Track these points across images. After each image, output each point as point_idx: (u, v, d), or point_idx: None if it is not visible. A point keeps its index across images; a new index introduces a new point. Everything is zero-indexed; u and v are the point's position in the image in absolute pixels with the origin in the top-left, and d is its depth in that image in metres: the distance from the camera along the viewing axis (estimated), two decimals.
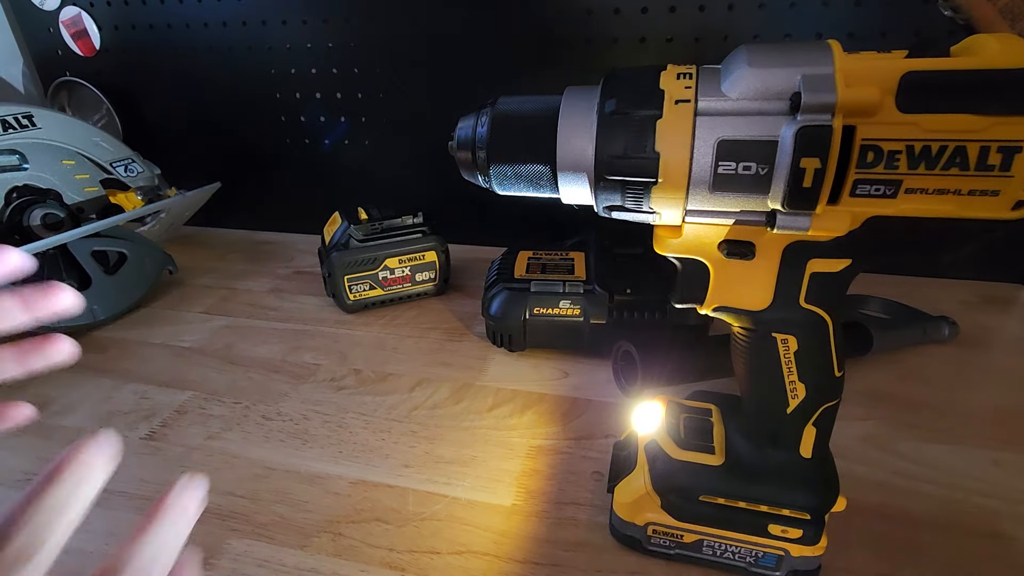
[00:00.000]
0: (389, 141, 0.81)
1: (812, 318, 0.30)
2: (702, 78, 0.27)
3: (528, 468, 0.45)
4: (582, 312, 0.56)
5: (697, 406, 0.39)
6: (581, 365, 0.57)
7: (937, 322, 0.58)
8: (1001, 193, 0.24)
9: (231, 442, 0.49)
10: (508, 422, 0.50)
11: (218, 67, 0.81)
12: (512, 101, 0.31)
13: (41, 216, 0.67)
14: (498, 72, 0.72)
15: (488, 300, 0.59)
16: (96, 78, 0.85)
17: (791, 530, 0.34)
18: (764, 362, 0.31)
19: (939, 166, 0.24)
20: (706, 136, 0.26)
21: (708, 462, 0.35)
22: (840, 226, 0.26)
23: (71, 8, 0.82)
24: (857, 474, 0.43)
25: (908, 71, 0.24)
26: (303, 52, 0.77)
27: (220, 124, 0.85)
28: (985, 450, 0.45)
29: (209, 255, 0.86)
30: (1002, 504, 0.41)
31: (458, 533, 0.40)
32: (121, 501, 0.43)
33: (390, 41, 0.74)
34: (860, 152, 0.24)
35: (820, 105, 0.24)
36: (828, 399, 0.32)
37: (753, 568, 0.36)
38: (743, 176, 0.26)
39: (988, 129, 0.23)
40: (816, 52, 0.25)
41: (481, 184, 0.33)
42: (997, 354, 0.57)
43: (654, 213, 0.29)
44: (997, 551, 0.38)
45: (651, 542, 0.37)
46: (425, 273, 0.68)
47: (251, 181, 0.88)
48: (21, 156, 0.67)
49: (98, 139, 0.71)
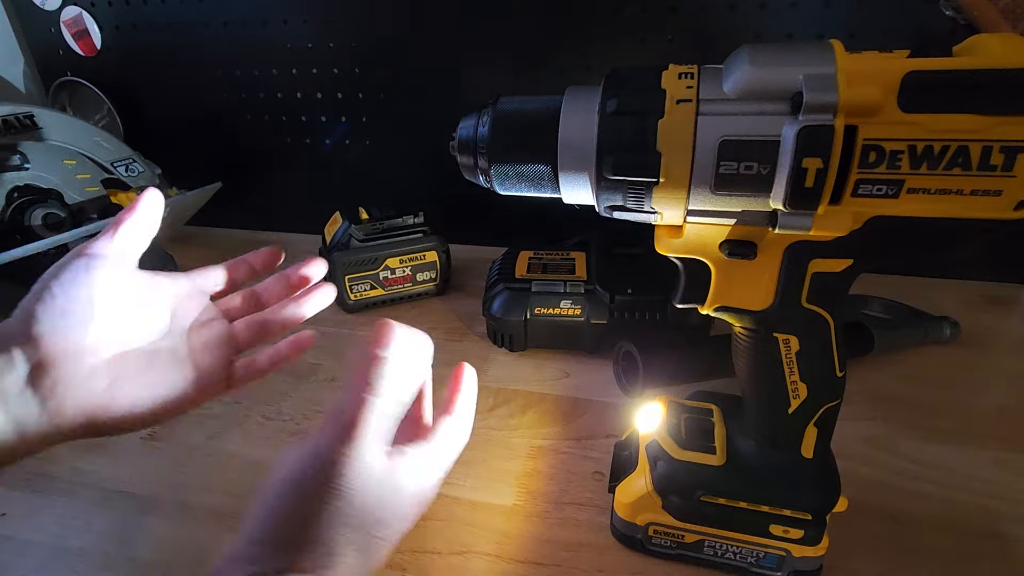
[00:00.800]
0: (390, 141, 0.81)
1: (814, 318, 0.30)
2: (703, 78, 0.27)
3: (529, 468, 0.45)
4: (583, 312, 0.56)
5: (698, 406, 0.39)
6: (582, 365, 0.57)
7: (939, 322, 0.58)
8: (1003, 193, 0.24)
9: (231, 442, 0.49)
10: (509, 422, 0.50)
11: (219, 67, 0.81)
12: (513, 101, 0.31)
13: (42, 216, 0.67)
14: (499, 72, 0.72)
15: (489, 300, 0.59)
16: (97, 78, 0.85)
17: (792, 530, 0.34)
18: (765, 362, 0.31)
19: (941, 166, 0.24)
20: (708, 136, 0.26)
21: (709, 462, 0.35)
22: (842, 226, 0.26)
23: (72, 8, 0.82)
24: (858, 474, 0.43)
25: (910, 71, 0.24)
26: (304, 52, 0.77)
27: (221, 124, 0.85)
28: (987, 450, 0.45)
29: (210, 255, 0.85)
30: (1004, 504, 0.41)
31: (459, 533, 0.40)
32: (121, 501, 0.44)
33: (391, 41, 0.74)
34: (862, 152, 0.24)
35: (822, 105, 0.24)
36: (829, 399, 0.32)
37: (754, 568, 0.36)
38: (745, 176, 0.26)
39: (990, 129, 0.23)
40: (818, 52, 0.25)
41: (482, 184, 0.33)
42: (999, 354, 0.57)
43: (655, 213, 0.29)
44: (998, 551, 0.38)
45: (652, 542, 0.37)
46: (426, 273, 0.68)
47: (252, 181, 0.88)
48: (22, 156, 0.67)
49: (99, 139, 0.71)
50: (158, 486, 0.45)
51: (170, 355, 0.32)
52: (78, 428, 0.28)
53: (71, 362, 0.28)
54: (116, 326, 0.30)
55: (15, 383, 0.27)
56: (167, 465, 0.47)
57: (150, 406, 0.30)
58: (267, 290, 0.38)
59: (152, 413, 0.31)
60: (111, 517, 0.42)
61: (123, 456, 0.47)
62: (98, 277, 0.29)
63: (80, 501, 0.43)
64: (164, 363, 0.31)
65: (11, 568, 0.39)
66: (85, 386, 0.28)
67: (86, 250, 0.29)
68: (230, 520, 0.42)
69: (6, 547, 0.40)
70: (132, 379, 0.30)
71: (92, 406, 0.28)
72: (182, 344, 0.33)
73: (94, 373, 0.29)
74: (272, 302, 0.38)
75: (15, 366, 0.27)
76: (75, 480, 0.45)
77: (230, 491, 0.44)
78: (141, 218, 0.31)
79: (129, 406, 0.30)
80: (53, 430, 0.28)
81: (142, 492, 0.44)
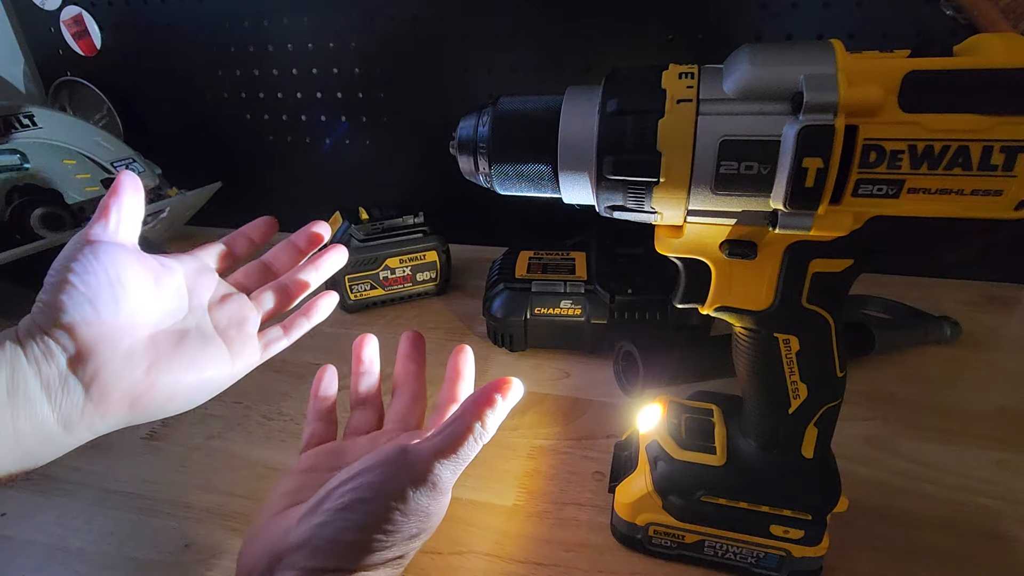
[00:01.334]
0: (390, 141, 0.81)
1: (814, 318, 0.30)
2: (704, 77, 0.27)
3: (529, 468, 0.45)
4: (583, 312, 0.56)
5: (698, 406, 0.39)
6: (582, 365, 0.57)
7: (939, 322, 0.58)
8: (1004, 193, 0.24)
9: (232, 442, 0.49)
10: (509, 422, 0.49)
11: (220, 67, 0.81)
12: (513, 101, 0.31)
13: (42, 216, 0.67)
14: (499, 72, 0.72)
15: (489, 300, 0.59)
16: (97, 78, 0.85)
17: (793, 531, 0.34)
18: (766, 362, 0.31)
19: (942, 166, 0.24)
20: (708, 135, 0.26)
21: (709, 462, 0.35)
22: (842, 226, 0.26)
23: (72, 8, 0.82)
24: (859, 474, 0.43)
25: (911, 70, 0.24)
26: (304, 52, 0.77)
27: (221, 124, 0.85)
28: (987, 450, 0.45)
29: None
30: (1004, 505, 0.41)
31: (459, 533, 0.40)
32: (121, 500, 0.43)
33: (391, 41, 0.74)
34: (862, 152, 0.24)
35: (822, 104, 0.23)
36: (830, 399, 0.32)
37: (755, 569, 0.36)
38: (745, 176, 0.26)
39: (991, 129, 0.23)
40: (818, 52, 0.25)
41: (482, 184, 0.33)
42: (999, 354, 0.57)
43: (655, 213, 0.29)
44: (999, 552, 0.38)
45: (652, 542, 0.37)
46: (426, 273, 0.68)
47: (252, 181, 0.88)
48: (22, 156, 0.67)
49: (99, 139, 0.71)
50: (158, 486, 0.45)
51: (198, 333, 0.32)
52: (123, 414, 0.28)
53: (108, 346, 0.28)
54: (142, 306, 0.30)
55: (56, 375, 0.26)
56: (167, 465, 0.47)
57: (191, 384, 0.30)
58: (276, 258, 0.38)
59: (194, 391, 0.31)
60: (111, 517, 0.42)
61: (123, 456, 0.47)
62: (110, 260, 0.29)
63: (80, 501, 0.43)
64: (194, 341, 0.31)
65: (11, 568, 0.39)
66: (126, 369, 0.28)
67: (87, 237, 0.29)
68: (230, 520, 0.41)
69: (6, 547, 0.40)
70: (169, 359, 0.30)
71: (135, 390, 0.28)
72: (206, 320, 0.33)
73: (132, 355, 0.28)
74: (283, 270, 0.38)
75: (54, 357, 0.26)
76: (75, 480, 0.45)
77: (230, 491, 0.44)
78: (126, 198, 0.31)
79: (171, 386, 0.30)
80: (98, 419, 0.28)
81: (142, 492, 0.44)
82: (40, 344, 0.27)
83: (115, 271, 0.29)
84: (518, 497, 0.43)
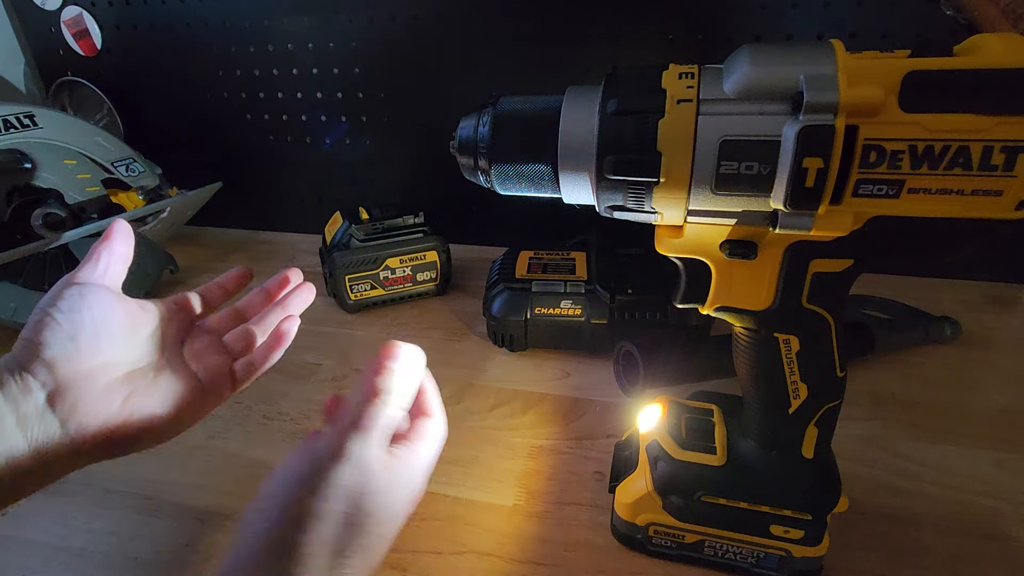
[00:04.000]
0: (390, 141, 0.81)
1: (814, 318, 0.30)
2: (704, 78, 0.27)
3: (529, 468, 0.45)
4: (583, 312, 0.56)
5: (698, 406, 0.39)
6: (582, 365, 0.57)
7: (939, 322, 0.58)
8: (1004, 193, 0.24)
9: (232, 441, 0.49)
10: (509, 422, 0.50)
11: (220, 67, 0.81)
12: (513, 101, 0.31)
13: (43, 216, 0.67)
14: (499, 72, 0.72)
15: (489, 300, 0.59)
16: (97, 78, 0.85)
17: (793, 531, 0.34)
18: (766, 362, 0.31)
19: (942, 166, 0.24)
20: (708, 136, 0.26)
21: (709, 462, 0.35)
22: (842, 226, 0.26)
23: (73, 8, 0.82)
24: (859, 474, 0.43)
25: (911, 70, 0.24)
26: (304, 52, 0.77)
27: (221, 123, 0.85)
28: (987, 451, 0.45)
29: (210, 255, 0.86)
30: (1004, 505, 0.41)
31: (460, 533, 0.40)
32: (121, 500, 0.44)
33: (391, 41, 0.74)
34: (863, 152, 0.24)
35: (822, 105, 0.24)
36: (830, 399, 0.32)
37: (755, 569, 0.36)
38: (745, 176, 0.26)
39: (991, 129, 0.23)
40: (818, 52, 0.25)
41: (482, 184, 0.33)
42: (1000, 354, 0.57)
43: (656, 213, 0.29)
44: (999, 552, 0.38)
45: (652, 542, 0.37)
46: (426, 273, 0.68)
47: (252, 181, 0.88)
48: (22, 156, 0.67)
49: (99, 139, 0.71)
50: (158, 486, 0.45)
51: (172, 369, 0.33)
52: (99, 448, 0.29)
53: (86, 382, 0.29)
54: (122, 345, 0.31)
55: (34, 408, 0.27)
56: (167, 465, 0.47)
57: (165, 418, 0.32)
58: (249, 304, 0.40)
59: (168, 424, 0.32)
60: (111, 517, 0.42)
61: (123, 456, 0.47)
62: (96, 301, 0.30)
63: (80, 501, 0.43)
64: (169, 377, 0.33)
65: (11, 568, 0.39)
66: (102, 404, 0.29)
67: (74, 280, 0.31)
68: (230, 520, 0.42)
69: (6, 547, 0.40)
70: (144, 394, 0.31)
71: (111, 423, 0.29)
72: (180, 358, 0.34)
73: (109, 391, 0.30)
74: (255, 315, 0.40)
75: (31, 392, 0.27)
76: (75, 480, 0.45)
77: (230, 491, 0.44)
78: (117, 246, 0.33)
79: (147, 419, 0.31)
80: (74, 452, 0.29)
81: (142, 492, 0.44)
82: (18, 381, 0.27)
83: (99, 311, 0.30)
84: (518, 497, 0.43)
